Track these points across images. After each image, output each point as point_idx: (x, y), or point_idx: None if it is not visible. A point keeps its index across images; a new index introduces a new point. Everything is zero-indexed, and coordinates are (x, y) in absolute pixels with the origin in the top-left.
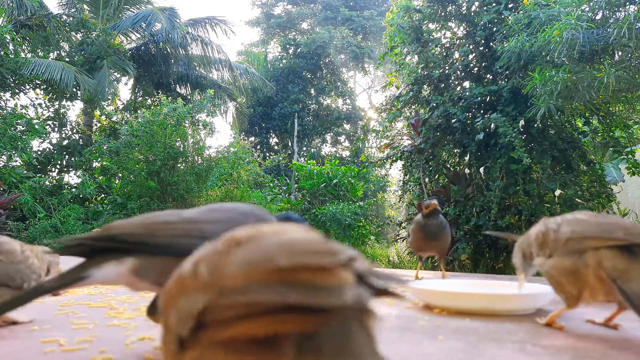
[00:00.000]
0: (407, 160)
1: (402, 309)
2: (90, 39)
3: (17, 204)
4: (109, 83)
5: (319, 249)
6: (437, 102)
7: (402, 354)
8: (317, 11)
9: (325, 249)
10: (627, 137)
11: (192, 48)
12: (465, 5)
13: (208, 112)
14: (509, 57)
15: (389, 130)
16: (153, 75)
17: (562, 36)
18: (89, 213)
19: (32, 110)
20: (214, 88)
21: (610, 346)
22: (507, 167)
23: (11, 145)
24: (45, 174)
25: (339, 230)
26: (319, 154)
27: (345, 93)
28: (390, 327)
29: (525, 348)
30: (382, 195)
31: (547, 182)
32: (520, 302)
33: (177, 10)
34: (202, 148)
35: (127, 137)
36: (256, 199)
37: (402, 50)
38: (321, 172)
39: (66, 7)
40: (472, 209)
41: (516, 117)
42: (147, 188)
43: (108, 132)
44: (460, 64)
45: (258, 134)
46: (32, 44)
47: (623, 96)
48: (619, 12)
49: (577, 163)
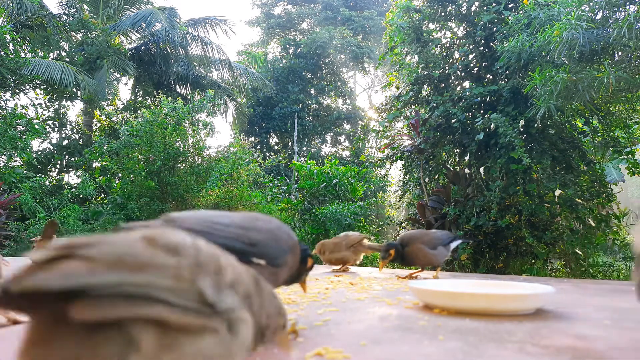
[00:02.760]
0: (407, 160)
1: (402, 309)
2: (90, 39)
3: (17, 204)
4: (109, 83)
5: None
6: (437, 102)
7: (402, 354)
8: (317, 11)
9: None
10: (627, 137)
11: (192, 48)
12: (465, 5)
13: (208, 112)
14: (509, 57)
15: (389, 130)
16: (153, 75)
17: (562, 36)
18: (89, 213)
19: (32, 110)
20: (214, 88)
21: (610, 346)
22: (507, 167)
23: (11, 145)
24: (45, 174)
25: (339, 231)
26: (319, 154)
27: (345, 93)
28: (390, 327)
29: (525, 348)
30: (382, 195)
31: (547, 182)
32: (520, 302)
33: (177, 10)
34: (202, 148)
35: (127, 137)
36: (256, 199)
37: (402, 50)
38: (321, 172)
39: (66, 7)
40: (472, 209)
41: (516, 117)
42: (147, 188)
43: (108, 132)
44: (460, 64)
45: (258, 134)
46: (32, 44)
47: (623, 96)
48: (619, 12)
49: (577, 163)
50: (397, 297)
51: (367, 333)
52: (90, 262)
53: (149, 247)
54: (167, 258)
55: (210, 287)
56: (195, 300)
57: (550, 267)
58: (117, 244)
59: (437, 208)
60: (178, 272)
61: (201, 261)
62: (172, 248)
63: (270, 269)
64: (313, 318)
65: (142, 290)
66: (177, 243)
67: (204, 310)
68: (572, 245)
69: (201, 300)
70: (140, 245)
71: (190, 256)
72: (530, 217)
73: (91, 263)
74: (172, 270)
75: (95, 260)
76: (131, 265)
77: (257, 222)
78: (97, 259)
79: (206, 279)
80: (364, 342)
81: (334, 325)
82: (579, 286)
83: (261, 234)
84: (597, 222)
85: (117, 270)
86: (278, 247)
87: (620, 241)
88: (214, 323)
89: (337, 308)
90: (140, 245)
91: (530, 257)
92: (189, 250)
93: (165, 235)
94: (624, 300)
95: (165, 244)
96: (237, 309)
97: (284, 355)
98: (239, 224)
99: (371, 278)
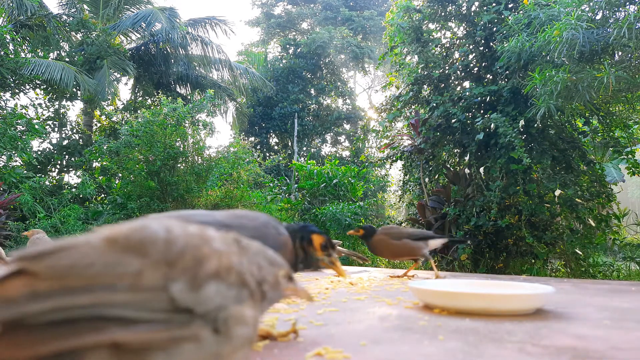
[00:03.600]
0: (407, 160)
1: (402, 309)
2: (90, 39)
3: (17, 204)
4: (109, 83)
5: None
6: (437, 102)
7: (402, 354)
8: (317, 11)
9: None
10: (627, 137)
11: (192, 48)
12: (465, 5)
13: (208, 112)
14: (509, 57)
15: (389, 130)
16: (153, 75)
17: (562, 36)
18: (89, 213)
19: (32, 110)
20: (214, 88)
21: (610, 346)
22: (507, 167)
23: (11, 145)
24: (45, 174)
25: (339, 230)
26: (319, 154)
27: (345, 93)
28: (390, 327)
29: (525, 348)
30: (382, 195)
31: (547, 182)
32: (520, 302)
33: (177, 10)
34: (202, 148)
35: (127, 137)
36: (256, 199)
37: (402, 50)
38: (321, 172)
39: (66, 7)
40: (472, 209)
41: (516, 117)
42: (147, 188)
43: (108, 132)
44: (460, 64)
45: (258, 134)
46: (32, 44)
47: (623, 96)
48: (619, 12)
49: (577, 163)
50: (397, 297)
51: (367, 333)
52: (33, 280)
53: (108, 251)
54: (126, 264)
55: (184, 290)
56: (165, 309)
57: (550, 267)
58: (70, 252)
59: (437, 208)
60: (138, 280)
61: (172, 258)
62: (136, 248)
63: None
64: (313, 318)
65: (91, 312)
66: (143, 240)
67: (178, 319)
68: (572, 245)
69: (174, 307)
70: (97, 250)
71: (159, 253)
72: (530, 217)
73: (34, 281)
74: (130, 279)
75: (38, 277)
76: (78, 280)
77: (242, 220)
78: (41, 275)
79: (179, 280)
80: (364, 342)
81: (334, 325)
82: (579, 286)
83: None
84: (597, 222)
85: (60, 289)
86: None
87: (620, 241)
88: (192, 330)
89: (337, 308)
90: (98, 250)
91: (530, 257)
92: (157, 247)
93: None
94: (624, 300)
95: (127, 244)
96: (229, 305)
97: (284, 355)
98: (221, 222)
99: (371, 278)
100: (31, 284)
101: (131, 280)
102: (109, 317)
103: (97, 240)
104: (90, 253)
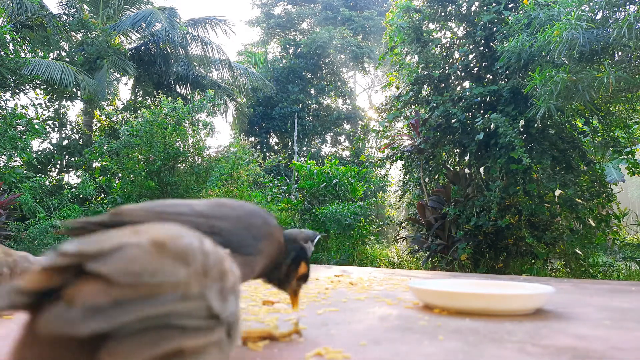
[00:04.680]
0: (407, 160)
1: (402, 309)
2: (90, 39)
3: (17, 204)
4: (109, 83)
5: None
6: (437, 102)
7: (402, 354)
8: (317, 11)
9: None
10: (627, 137)
11: (192, 48)
12: (465, 5)
13: (208, 112)
14: (509, 57)
15: (389, 130)
16: (153, 75)
17: (562, 36)
18: (89, 213)
19: (32, 110)
20: (214, 88)
21: (610, 346)
22: (507, 167)
23: (11, 145)
24: (45, 174)
25: (339, 230)
26: (319, 154)
27: (345, 93)
28: (390, 327)
29: (525, 348)
30: (382, 195)
31: (547, 182)
32: (520, 302)
33: (177, 10)
34: (202, 148)
35: (127, 137)
36: (256, 199)
37: (402, 50)
38: (321, 172)
39: (66, 7)
40: (472, 209)
41: (516, 117)
42: (147, 188)
43: (108, 132)
44: (460, 64)
45: (258, 134)
46: (32, 44)
47: (623, 96)
48: (619, 12)
49: (577, 163)
50: (397, 297)
51: (367, 333)
52: (108, 286)
53: (159, 257)
54: (178, 271)
55: (217, 298)
56: (204, 316)
57: (550, 267)
58: (130, 255)
59: (437, 208)
60: (189, 289)
61: (208, 268)
62: (182, 256)
63: (243, 258)
64: (313, 318)
65: (164, 321)
66: (186, 248)
67: (211, 325)
68: (572, 245)
69: (209, 314)
70: (152, 255)
71: (199, 263)
72: (530, 217)
73: (109, 289)
74: (184, 287)
75: (112, 282)
76: (150, 288)
77: (223, 209)
78: (114, 280)
79: (212, 289)
80: (364, 342)
81: (334, 325)
82: (579, 286)
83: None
84: (597, 222)
85: (137, 297)
86: (249, 235)
87: (620, 241)
88: (218, 334)
89: (337, 308)
90: (153, 255)
91: (530, 257)
92: (197, 256)
93: (174, 238)
94: (624, 300)
95: (176, 252)
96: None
97: (284, 355)
98: (200, 212)
99: (371, 278)
100: (107, 292)
101: (184, 289)
102: (173, 325)
103: (144, 242)
104: (148, 255)
